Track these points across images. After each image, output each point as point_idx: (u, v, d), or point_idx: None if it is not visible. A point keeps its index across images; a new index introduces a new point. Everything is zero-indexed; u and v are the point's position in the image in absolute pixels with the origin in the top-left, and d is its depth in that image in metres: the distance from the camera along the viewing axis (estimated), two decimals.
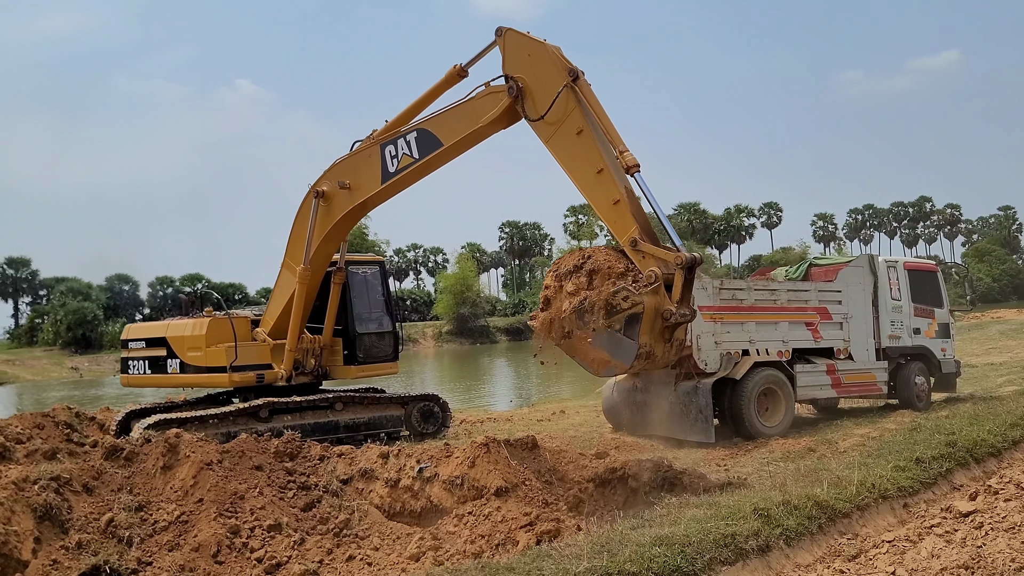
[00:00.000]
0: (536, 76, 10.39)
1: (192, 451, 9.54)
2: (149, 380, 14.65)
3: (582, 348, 9.41)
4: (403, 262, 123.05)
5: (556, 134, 10.21)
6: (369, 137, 12.71)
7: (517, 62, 10.56)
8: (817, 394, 14.43)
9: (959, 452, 9.05)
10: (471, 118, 11.13)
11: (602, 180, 9.85)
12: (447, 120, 11.44)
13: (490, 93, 10.89)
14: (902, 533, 6.65)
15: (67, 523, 8.36)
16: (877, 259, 15.58)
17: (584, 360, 9.50)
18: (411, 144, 11.82)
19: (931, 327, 16.00)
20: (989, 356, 26.00)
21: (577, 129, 10.04)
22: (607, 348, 9.17)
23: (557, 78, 10.13)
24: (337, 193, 12.94)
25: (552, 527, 8.44)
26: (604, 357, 9.25)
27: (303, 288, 13.45)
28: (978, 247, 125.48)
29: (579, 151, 10.06)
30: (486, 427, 16.11)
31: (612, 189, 9.78)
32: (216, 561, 8.29)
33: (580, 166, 10.09)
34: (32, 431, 12.03)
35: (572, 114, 10.09)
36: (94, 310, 73.49)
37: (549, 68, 10.28)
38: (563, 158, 10.26)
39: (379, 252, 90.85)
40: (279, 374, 13.66)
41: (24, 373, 60.03)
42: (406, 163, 11.91)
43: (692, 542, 5.68)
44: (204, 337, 13.51)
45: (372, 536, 9.18)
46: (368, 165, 12.45)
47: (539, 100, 10.34)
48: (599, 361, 9.35)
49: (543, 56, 10.37)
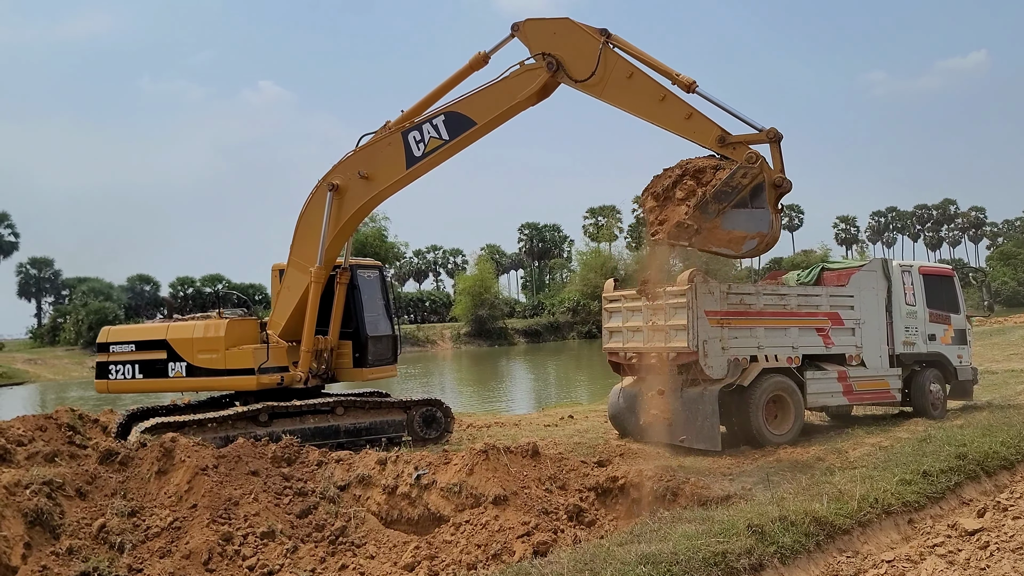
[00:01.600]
0: (568, 47, 11.69)
1: (187, 456, 9.47)
2: (141, 385, 13.87)
3: (715, 236, 10.77)
4: (422, 263, 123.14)
5: (608, 86, 11.51)
6: (383, 128, 13.09)
7: (543, 42, 11.81)
8: (828, 402, 14.14)
9: (969, 465, 8.76)
10: (507, 95, 12.09)
11: (668, 103, 11.31)
12: (480, 100, 12.25)
13: (525, 71, 11.98)
14: (904, 552, 6.43)
15: (59, 528, 8.31)
16: (891, 263, 15.26)
17: (721, 245, 10.91)
18: (439, 127, 12.48)
19: (947, 333, 15.65)
20: (1010, 362, 25.48)
21: (627, 73, 11.47)
22: (742, 225, 10.71)
23: (592, 41, 11.55)
24: (352, 184, 13.13)
25: (550, 537, 8.30)
26: (740, 234, 10.73)
27: (319, 287, 13.39)
28: (1003, 250, 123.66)
29: (636, 90, 11.46)
30: (492, 432, 15.93)
31: (681, 106, 11.26)
32: (207, 569, 8.21)
33: (643, 102, 11.46)
34: (34, 433, 11.96)
35: (617, 63, 11.50)
36: (115, 310, 74.04)
37: (579, 36, 11.64)
38: (624, 102, 11.57)
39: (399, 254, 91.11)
40: (297, 376, 13.54)
41: (45, 372, 60.59)
42: (434, 145, 12.54)
43: (680, 560, 5.47)
44: (223, 339, 13.25)
45: (368, 544, 9.06)
46: (390, 153, 12.86)
47: (580, 65, 11.62)
48: (736, 239, 10.79)
49: (569, 28, 11.73)
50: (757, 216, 10.55)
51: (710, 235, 10.66)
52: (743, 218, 10.57)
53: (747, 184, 10.53)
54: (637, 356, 13.89)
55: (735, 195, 10.53)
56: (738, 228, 10.62)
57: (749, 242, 10.70)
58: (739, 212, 10.57)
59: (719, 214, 10.53)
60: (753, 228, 10.60)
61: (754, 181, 10.52)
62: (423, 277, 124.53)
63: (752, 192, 10.56)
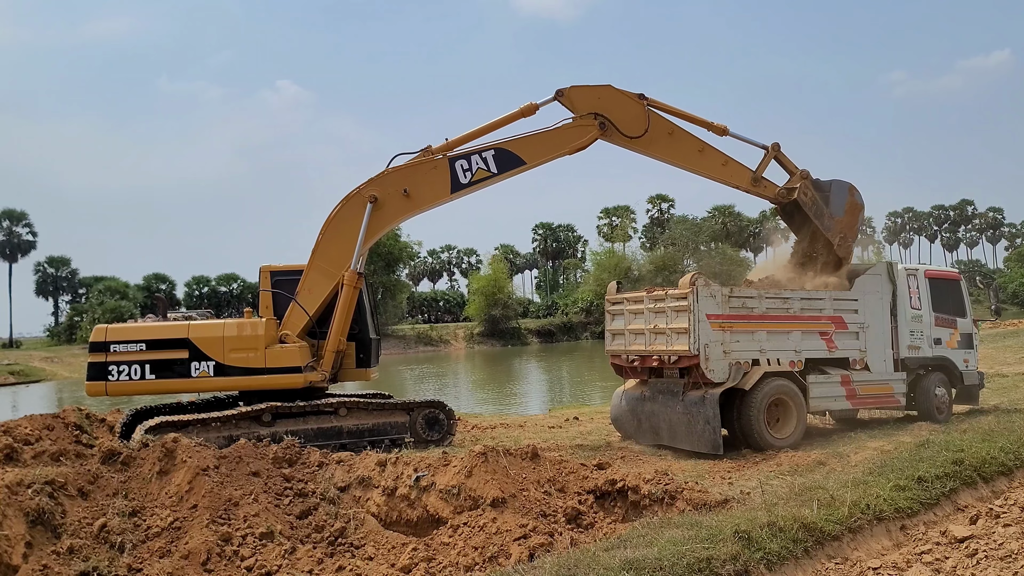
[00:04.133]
0: (614, 109, 13.69)
1: (188, 456, 9.55)
2: (152, 386, 13.34)
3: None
4: (436, 263, 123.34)
5: (652, 143, 13.72)
6: (425, 151, 13.98)
7: (589, 105, 13.71)
8: (831, 406, 14.10)
9: (966, 471, 8.73)
10: (559, 143, 13.79)
11: (706, 154, 13.97)
12: (533, 143, 13.79)
13: (579, 125, 13.75)
14: (892, 559, 6.42)
15: (60, 528, 8.41)
16: (896, 267, 15.19)
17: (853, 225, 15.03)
18: (488, 160, 13.75)
19: (953, 337, 15.56)
20: (1022, 365, 25.25)
21: (668, 131, 13.81)
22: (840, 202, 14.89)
23: (635, 104, 13.76)
24: (392, 199, 13.85)
25: (546, 540, 8.33)
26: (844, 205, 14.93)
27: (352, 292, 13.81)
28: (1020, 252, 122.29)
29: (677, 144, 13.84)
30: (496, 433, 15.99)
31: (717, 155, 13.99)
32: (205, 569, 8.27)
33: (684, 155, 13.89)
34: (41, 432, 12.17)
35: (658, 122, 13.78)
36: (131, 309, 74.62)
37: (624, 100, 13.76)
38: (668, 155, 13.89)
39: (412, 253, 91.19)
40: (320, 375, 13.70)
41: (62, 371, 61.14)
42: (481, 176, 13.78)
43: (664, 566, 5.50)
44: (262, 337, 13.37)
45: (367, 545, 9.12)
46: (436, 176, 13.83)
47: (628, 124, 13.73)
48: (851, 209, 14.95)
49: (613, 94, 13.78)
50: (836, 192, 14.63)
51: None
52: (836, 199, 14.59)
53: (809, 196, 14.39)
54: (639, 359, 13.91)
55: (816, 205, 14.39)
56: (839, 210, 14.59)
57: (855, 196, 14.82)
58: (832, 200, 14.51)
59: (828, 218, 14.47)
60: (844, 195, 14.67)
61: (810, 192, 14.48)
62: (437, 277, 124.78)
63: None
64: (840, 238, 14.32)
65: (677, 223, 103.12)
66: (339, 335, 13.78)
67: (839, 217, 14.46)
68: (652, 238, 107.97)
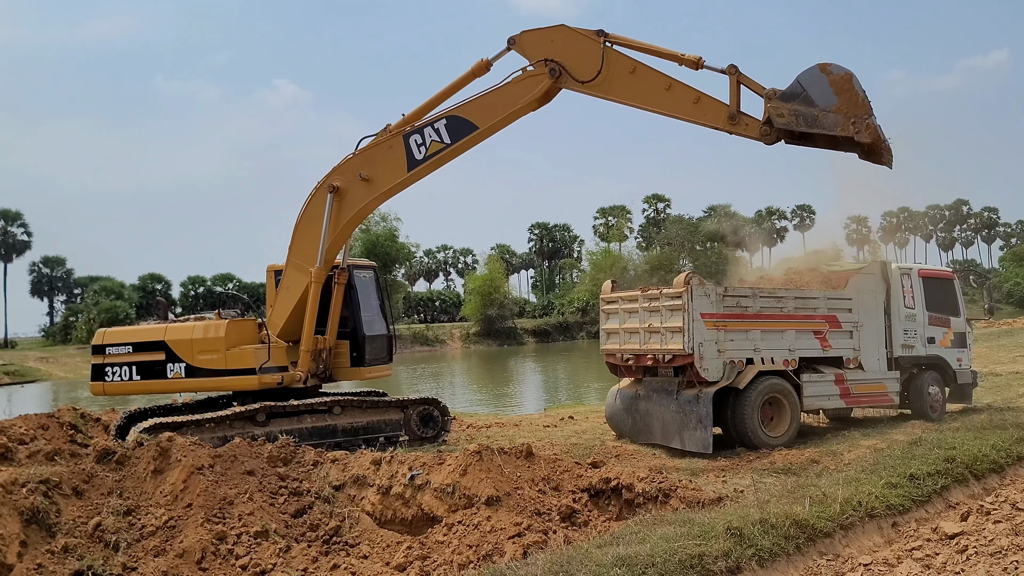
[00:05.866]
0: (569, 51, 12.10)
1: (183, 455, 9.57)
2: (139, 387, 13.86)
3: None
4: (433, 263, 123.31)
5: (612, 84, 11.96)
6: (383, 131, 13.13)
7: (542, 50, 12.21)
8: (824, 404, 14.15)
9: (957, 468, 8.78)
10: (510, 100, 12.38)
11: (675, 91, 11.87)
12: (483, 105, 12.49)
13: (528, 77, 12.31)
14: (883, 556, 6.47)
15: (55, 527, 8.41)
16: (890, 266, 15.25)
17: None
18: (440, 131, 12.66)
19: (946, 336, 15.62)
20: (1016, 364, 25.36)
21: (630, 68, 11.98)
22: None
23: (591, 43, 12.02)
24: (353, 186, 13.25)
25: (541, 538, 8.36)
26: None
27: (318, 288, 13.52)
28: (1016, 251, 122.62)
29: (641, 83, 11.94)
30: (491, 432, 16.00)
31: (688, 92, 11.87)
32: (200, 568, 8.28)
33: (649, 93, 11.95)
34: (36, 432, 12.16)
35: (618, 60, 11.97)
36: (126, 309, 74.54)
37: (577, 39, 12.08)
38: (630, 97, 12.06)
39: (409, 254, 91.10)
40: (297, 375, 13.64)
41: (57, 371, 61.05)
42: (436, 149, 12.72)
43: (656, 563, 5.53)
44: (223, 339, 13.35)
45: (362, 544, 9.14)
46: (391, 156, 12.98)
47: (582, 68, 12.05)
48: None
49: (567, 34, 12.16)
50: (811, 84, 11.79)
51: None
52: (817, 91, 11.78)
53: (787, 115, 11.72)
54: (634, 358, 13.94)
55: (801, 116, 11.72)
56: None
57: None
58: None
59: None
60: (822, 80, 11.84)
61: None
62: (433, 277, 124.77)
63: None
64: (853, 123, 11.78)
65: (673, 223, 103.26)
66: (310, 334, 13.69)
67: (835, 105, 11.86)
68: (648, 238, 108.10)
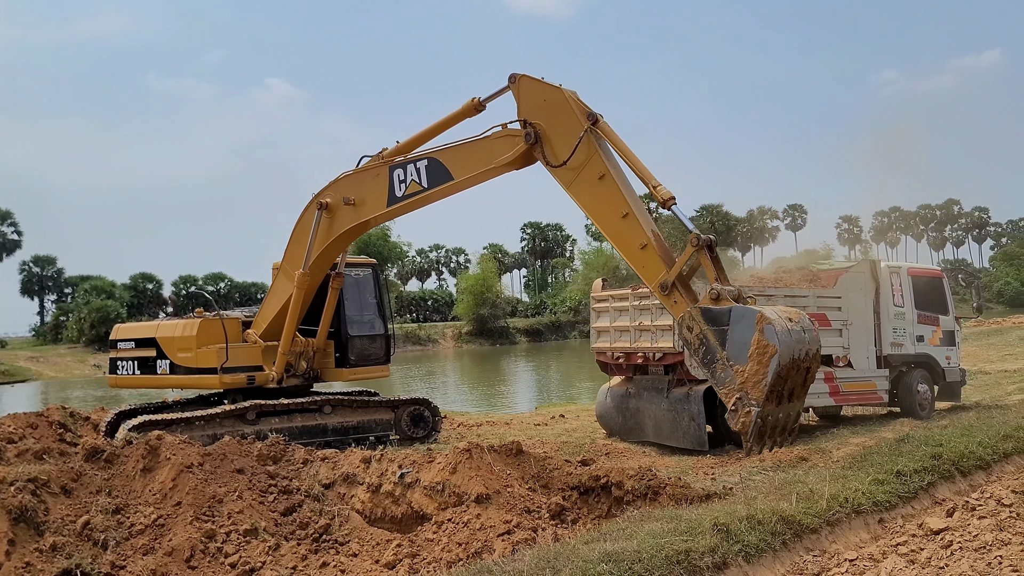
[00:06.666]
0: (553, 122, 10.23)
1: (173, 453, 9.56)
2: (138, 381, 14.57)
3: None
4: (425, 262, 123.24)
5: (577, 180, 10.04)
6: (379, 155, 12.44)
7: (533, 107, 10.44)
8: (814, 403, 14.21)
9: (944, 465, 8.83)
10: (485, 157, 11.00)
11: (628, 224, 9.67)
12: (460, 154, 11.31)
13: (506, 135, 10.74)
14: (868, 551, 6.50)
15: (43, 525, 8.39)
16: (879, 265, 15.34)
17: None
18: (420, 172, 11.66)
19: (935, 334, 15.71)
20: (1004, 363, 25.52)
21: (599, 174, 9.86)
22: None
23: (576, 123, 9.98)
24: (341, 208, 12.73)
25: (530, 536, 8.39)
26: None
27: (300, 293, 13.37)
28: (1007, 251, 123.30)
29: (603, 196, 9.88)
30: (482, 431, 16.04)
31: (639, 233, 9.58)
32: (189, 566, 8.28)
33: (605, 211, 9.93)
34: (25, 431, 12.14)
35: (593, 159, 9.91)
36: (117, 308, 74.25)
37: (567, 113, 10.10)
38: (586, 204, 10.13)
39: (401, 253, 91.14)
40: (270, 376, 13.65)
41: (48, 370, 60.86)
42: (413, 190, 11.74)
43: (642, 559, 5.56)
44: (195, 338, 13.52)
45: (352, 542, 9.15)
46: (376, 185, 12.23)
47: (558, 146, 10.16)
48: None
49: (559, 101, 10.18)
50: (737, 326, 8.54)
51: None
52: (736, 336, 8.54)
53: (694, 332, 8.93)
54: (624, 356, 13.97)
55: (704, 348, 8.88)
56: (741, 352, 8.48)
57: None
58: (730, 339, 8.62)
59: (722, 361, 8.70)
60: (749, 330, 8.41)
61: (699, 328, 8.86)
62: (426, 276, 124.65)
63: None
64: (739, 398, 8.49)
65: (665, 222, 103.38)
66: (288, 337, 13.68)
67: (741, 366, 8.47)
68: None
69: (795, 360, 8.32)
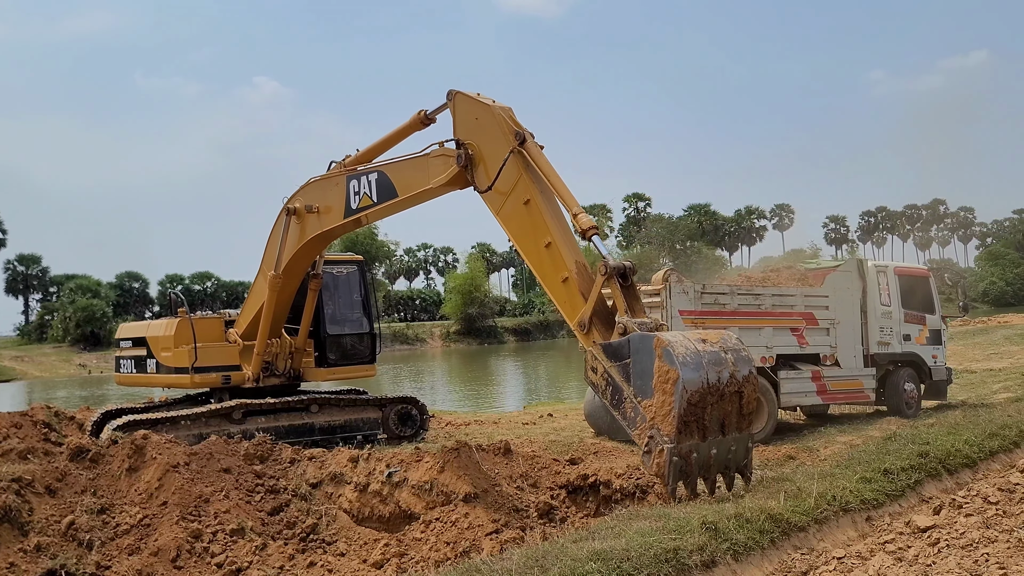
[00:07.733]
0: (484, 142, 9.65)
1: (158, 453, 9.51)
2: (135, 379, 14.87)
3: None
4: (413, 261, 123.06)
5: (505, 205, 9.51)
6: (342, 163, 12.11)
7: (467, 126, 9.85)
8: (801, 401, 14.28)
9: (931, 463, 8.88)
10: (422, 177, 10.50)
11: (551, 255, 9.12)
12: (402, 170, 10.85)
13: (441, 155, 10.19)
14: (856, 549, 6.53)
15: (27, 525, 8.32)
16: (866, 264, 15.42)
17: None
18: (372, 185, 11.21)
19: (922, 333, 15.80)
20: (990, 362, 25.70)
21: (524, 199, 9.29)
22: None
23: (503, 143, 9.36)
24: (306, 214, 12.46)
25: (518, 535, 8.37)
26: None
27: (273, 295, 13.24)
28: (992, 250, 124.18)
29: (527, 223, 9.32)
30: (470, 430, 16.01)
31: (560, 265, 9.06)
32: (175, 566, 8.23)
33: (528, 239, 9.36)
34: (9, 430, 12.01)
35: (519, 182, 9.31)
36: (103, 307, 73.86)
37: (495, 133, 9.49)
38: (512, 230, 9.58)
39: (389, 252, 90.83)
40: (246, 376, 13.65)
41: (33, 370, 60.47)
42: (365, 203, 11.39)
43: (631, 557, 5.55)
44: (173, 337, 13.63)
45: (339, 541, 9.12)
46: (336, 194, 11.89)
47: (490, 168, 9.58)
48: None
49: (489, 120, 9.57)
50: (639, 355, 7.82)
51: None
52: (639, 367, 7.81)
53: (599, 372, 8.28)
54: None
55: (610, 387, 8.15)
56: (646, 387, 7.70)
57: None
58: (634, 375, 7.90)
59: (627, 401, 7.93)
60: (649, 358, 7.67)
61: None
62: (414, 275, 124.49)
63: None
64: (651, 437, 7.53)
65: (653, 221, 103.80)
66: (263, 338, 13.63)
67: (646, 400, 7.62)
68: (629, 236, 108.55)
69: (712, 385, 7.50)
